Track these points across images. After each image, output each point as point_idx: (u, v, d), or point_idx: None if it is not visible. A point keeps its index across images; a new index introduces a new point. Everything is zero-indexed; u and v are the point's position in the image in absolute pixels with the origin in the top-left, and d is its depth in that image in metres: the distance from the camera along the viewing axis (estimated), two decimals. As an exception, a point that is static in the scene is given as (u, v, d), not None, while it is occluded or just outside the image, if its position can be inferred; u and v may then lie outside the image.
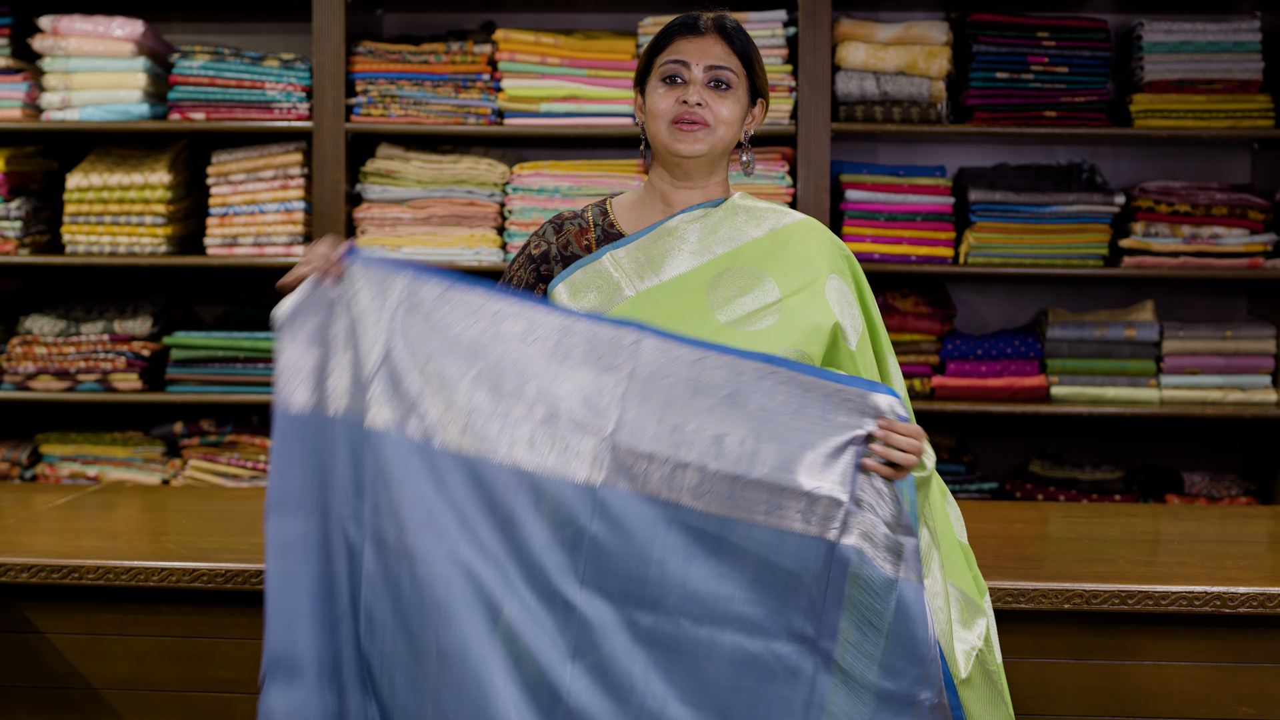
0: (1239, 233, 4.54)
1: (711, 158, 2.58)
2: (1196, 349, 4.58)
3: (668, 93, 2.56)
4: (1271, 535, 3.46)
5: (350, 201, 4.55)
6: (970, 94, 4.53)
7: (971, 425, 4.80)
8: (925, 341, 4.63)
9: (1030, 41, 4.53)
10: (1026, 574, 2.88)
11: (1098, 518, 3.57)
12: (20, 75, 4.63)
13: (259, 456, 4.62)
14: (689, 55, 2.56)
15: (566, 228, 2.64)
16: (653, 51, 2.60)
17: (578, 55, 4.53)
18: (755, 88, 2.61)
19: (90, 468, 4.68)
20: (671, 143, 2.55)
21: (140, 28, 4.57)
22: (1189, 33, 4.54)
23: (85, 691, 2.98)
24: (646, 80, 2.61)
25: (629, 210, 2.65)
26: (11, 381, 4.63)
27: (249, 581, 2.92)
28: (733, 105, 2.56)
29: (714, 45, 2.56)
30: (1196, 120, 4.51)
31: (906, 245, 4.55)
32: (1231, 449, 4.84)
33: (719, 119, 2.55)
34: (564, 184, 4.50)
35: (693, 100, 2.53)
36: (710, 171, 2.61)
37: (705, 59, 2.55)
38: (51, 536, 3.26)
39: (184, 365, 4.63)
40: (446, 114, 4.54)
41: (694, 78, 2.55)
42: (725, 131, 2.56)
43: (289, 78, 4.56)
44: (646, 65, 2.61)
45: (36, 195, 4.75)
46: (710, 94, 2.55)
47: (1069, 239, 4.54)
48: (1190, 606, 2.80)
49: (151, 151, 4.70)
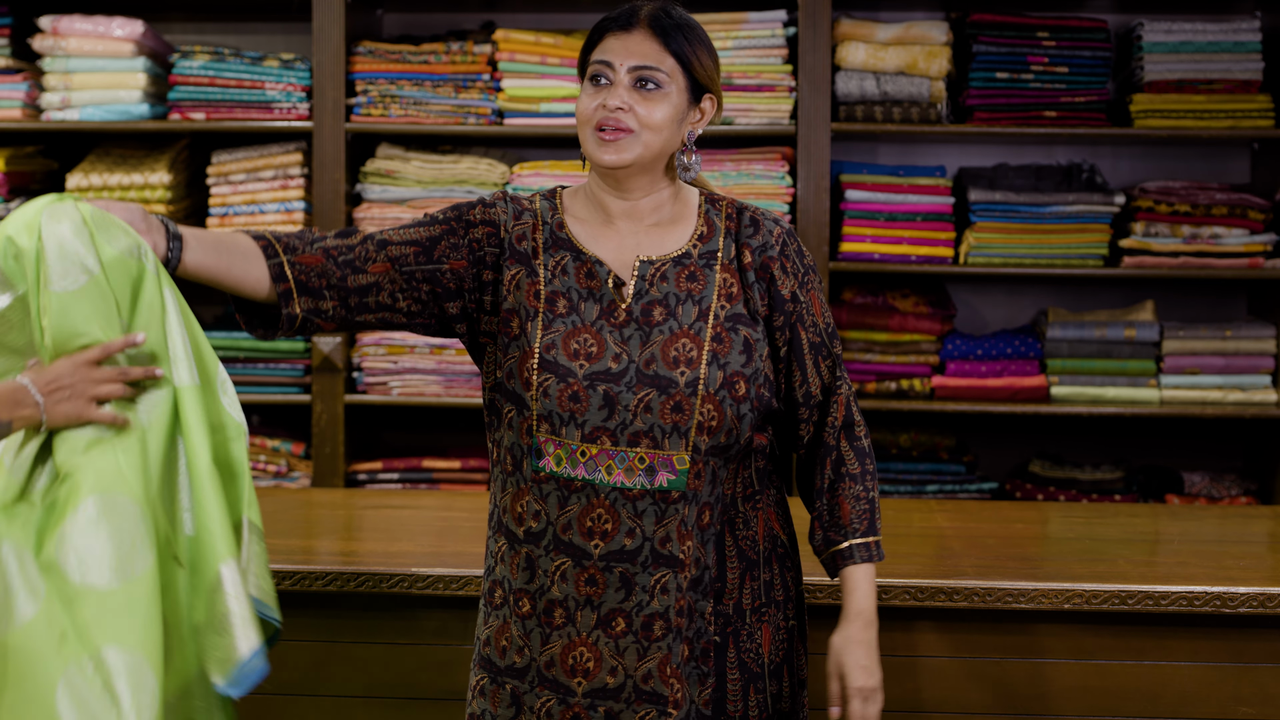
0: (1239, 233, 4.54)
1: (642, 165, 2.36)
2: (1196, 349, 4.58)
3: (592, 95, 2.36)
4: (1271, 535, 3.46)
5: (350, 201, 4.55)
6: (970, 94, 4.53)
7: (971, 425, 4.80)
8: (925, 341, 4.63)
9: (1030, 41, 4.53)
10: (1026, 574, 2.88)
11: (1098, 518, 3.57)
12: (20, 75, 4.63)
13: (259, 456, 4.62)
14: (614, 54, 2.35)
15: (524, 217, 2.42)
16: (586, 48, 2.41)
17: (578, 55, 4.52)
18: (697, 84, 2.37)
19: (90, 468, 4.68)
20: (594, 151, 2.35)
21: (140, 28, 4.57)
22: (1189, 33, 4.54)
23: (85, 691, 2.98)
24: (582, 82, 2.42)
25: (578, 208, 2.45)
26: (11, 381, 4.63)
27: (249, 581, 2.92)
28: (664, 108, 2.33)
29: (643, 43, 2.34)
30: (1196, 120, 4.51)
31: (906, 245, 4.55)
32: (1231, 449, 4.83)
33: (645, 124, 2.32)
34: (564, 184, 4.49)
35: (612, 104, 2.32)
36: (650, 179, 2.39)
37: (630, 58, 2.34)
38: (51, 536, 3.25)
39: (184, 365, 4.62)
40: (446, 114, 4.54)
41: (619, 79, 2.34)
42: (653, 137, 2.33)
43: (289, 78, 4.56)
44: (582, 62, 2.42)
45: (37, 195, 4.75)
46: (636, 96, 2.33)
47: (1069, 239, 4.54)
48: (1190, 606, 2.80)
49: (151, 151, 4.70)
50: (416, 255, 2.39)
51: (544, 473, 2.34)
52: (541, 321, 2.35)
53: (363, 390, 4.57)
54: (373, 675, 2.97)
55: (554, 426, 2.33)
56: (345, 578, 2.92)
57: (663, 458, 2.32)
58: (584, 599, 2.34)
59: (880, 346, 4.62)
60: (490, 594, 2.43)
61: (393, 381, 4.55)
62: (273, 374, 4.60)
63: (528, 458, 2.35)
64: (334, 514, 3.76)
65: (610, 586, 2.33)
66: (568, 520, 2.34)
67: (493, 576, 2.42)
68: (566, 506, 2.34)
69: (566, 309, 2.36)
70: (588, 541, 2.33)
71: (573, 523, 2.33)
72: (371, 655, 2.97)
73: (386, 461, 4.58)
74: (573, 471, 2.33)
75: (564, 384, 2.32)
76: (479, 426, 4.87)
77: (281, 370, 4.60)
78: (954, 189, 4.65)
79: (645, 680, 2.34)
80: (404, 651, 2.97)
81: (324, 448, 4.52)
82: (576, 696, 2.34)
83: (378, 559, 3.03)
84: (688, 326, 2.35)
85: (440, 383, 4.54)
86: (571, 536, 2.34)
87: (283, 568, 2.93)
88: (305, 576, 2.93)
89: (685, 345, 2.34)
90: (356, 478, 4.58)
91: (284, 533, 3.44)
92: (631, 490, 2.32)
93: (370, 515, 3.72)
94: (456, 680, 2.92)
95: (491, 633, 2.41)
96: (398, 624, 2.97)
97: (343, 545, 3.44)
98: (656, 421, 2.31)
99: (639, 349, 2.34)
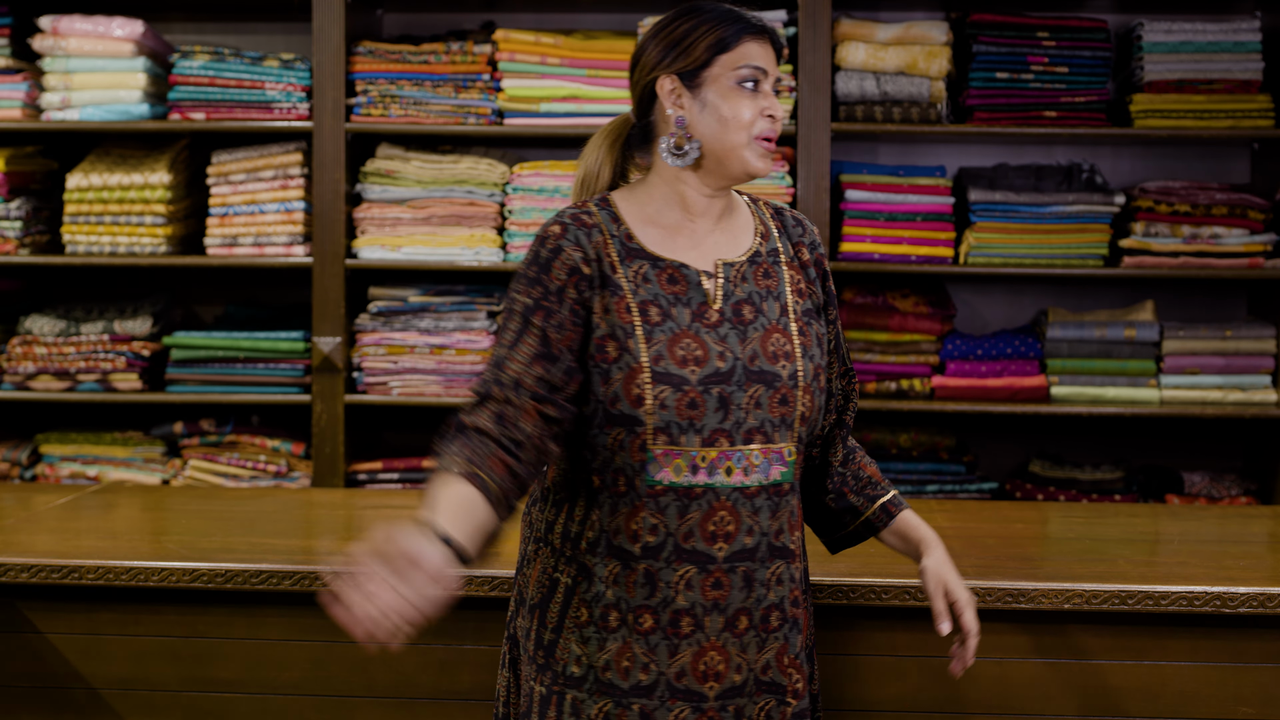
0: (1239, 233, 4.54)
1: None
2: (1196, 349, 4.58)
3: (751, 100, 2.34)
4: (1271, 535, 3.46)
5: (350, 201, 4.55)
6: (970, 94, 4.53)
7: (971, 425, 4.80)
8: (925, 342, 4.63)
9: (1030, 41, 4.53)
10: (1026, 574, 2.88)
11: (1098, 518, 3.57)
12: (20, 75, 4.63)
13: (259, 456, 4.62)
14: (763, 60, 2.34)
15: (594, 236, 2.35)
16: (716, 47, 2.34)
17: (578, 55, 4.53)
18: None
19: (90, 468, 4.68)
20: (755, 161, 2.36)
21: (140, 28, 4.57)
22: (1189, 33, 4.54)
23: (85, 691, 2.98)
24: (700, 78, 2.35)
25: (638, 213, 2.40)
26: (11, 381, 4.63)
27: (249, 581, 2.92)
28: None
29: (770, 51, 2.37)
30: (1196, 120, 4.51)
31: (906, 245, 4.55)
32: (1231, 449, 4.84)
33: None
34: (564, 184, 4.50)
35: (779, 114, 2.34)
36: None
37: (772, 66, 2.35)
38: (51, 536, 3.26)
39: (184, 365, 4.63)
40: (446, 114, 4.54)
41: (767, 90, 2.35)
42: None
43: (289, 78, 4.56)
44: (703, 60, 2.34)
45: (36, 195, 4.75)
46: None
47: (1069, 239, 4.54)
48: (1190, 606, 2.80)
49: (151, 151, 4.70)
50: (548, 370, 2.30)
51: (661, 485, 2.32)
52: (642, 334, 2.32)
53: (363, 390, 4.57)
54: (373, 675, 2.97)
55: (672, 437, 2.31)
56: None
57: (774, 451, 2.36)
58: (710, 603, 2.34)
59: (880, 346, 4.62)
60: (603, 619, 2.35)
61: (393, 381, 4.55)
62: (273, 374, 4.60)
63: (640, 475, 2.32)
64: (334, 514, 3.76)
65: (734, 587, 2.35)
66: (689, 528, 2.33)
67: (603, 602, 2.35)
68: (687, 515, 2.33)
69: (660, 317, 2.34)
70: (711, 545, 2.34)
71: (694, 530, 2.33)
72: (371, 655, 2.97)
73: (386, 461, 4.58)
74: (693, 479, 2.32)
75: (680, 392, 2.31)
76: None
77: (281, 370, 4.60)
78: (954, 189, 4.65)
79: (764, 671, 2.38)
80: (404, 651, 2.97)
81: (324, 448, 4.52)
82: (709, 701, 2.35)
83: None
84: (775, 322, 2.39)
85: (440, 383, 4.54)
86: (694, 544, 2.33)
87: (283, 568, 2.93)
88: (305, 576, 2.93)
89: (779, 340, 2.38)
90: (356, 478, 4.58)
91: (284, 533, 3.44)
92: (749, 488, 2.35)
93: (370, 515, 3.72)
94: (456, 680, 2.92)
95: (610, 657, 2.34)
96: (398, 624, 2.96)
97: (343, 545, 3.44)
98: (767, 416, 2.34)
99: (739, 347, 2.35)
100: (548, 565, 2.40)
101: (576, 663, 2.36)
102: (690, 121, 2.37)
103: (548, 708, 2.37)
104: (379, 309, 4.59)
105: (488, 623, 2.93)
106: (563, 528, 2.39)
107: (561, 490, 2.40)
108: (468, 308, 4.57)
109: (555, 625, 2.37)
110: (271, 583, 2.93)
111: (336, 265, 4.50)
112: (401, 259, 4.53)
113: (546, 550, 2.40)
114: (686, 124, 2.37)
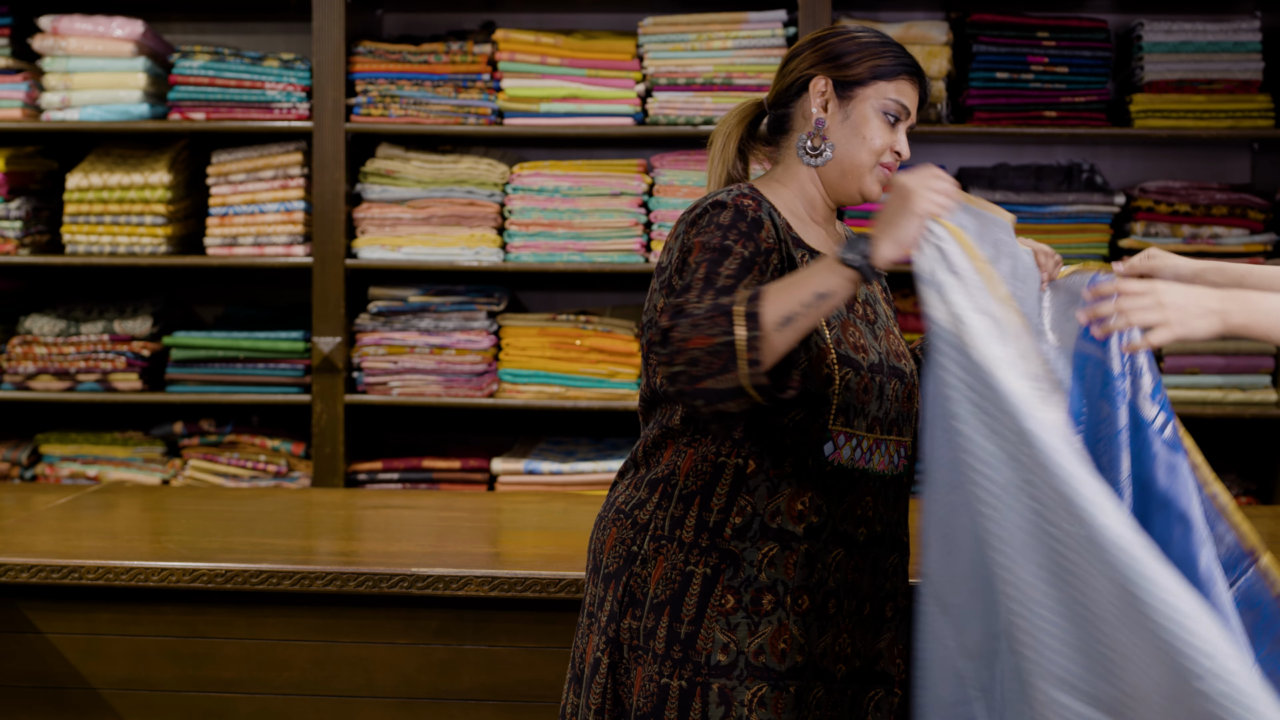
0: (1239, 233, 4.54)
1: None
2: (1196, 349, 4.58)
3: (888, 133, 2.45)
4: (1272, 535, 3.46)
5: (350, 201, 4.55)
6: (970, 94, 4.53)
7: (971, 425, 4.79)
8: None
9: (1030, 41, 4.53)
10: (1026, 574, 2.87)
11: (1098, 518, 3.56)
12: (20, 75, 4.63)
13: (259, 456, 4.62)
14: (910, 103, 2.46)
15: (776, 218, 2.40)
16: (878, 74, 2.44)
17: (578, 55, 4.53)
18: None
19: (90, 468, 4.68)
20: (870, 185, 2.46)
21: (140, 28, 4.57)
22: (1189, 33, 4.54)
23: (85, 691, 2.99)
24: (853, 92, 2.44)
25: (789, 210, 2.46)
26: (11, 381, 4.63)
27: (249, 581, 2.93)
28: None
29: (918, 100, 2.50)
30: (1196, 120, 4.51)
31: (906, 245, 4.55)
32: (1231, 449, 4.83)
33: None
34: (564, 184, 4.50)
35: (905, 155, 2.48)
36: None
37: (914, 116, 2.49)
38: (51, 536, 3.26)
39: (184, 365, 4.63)
40: (446, 114, 4.54)
41: (902, 129, 2.47)
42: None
43: (289, 78, 4.56)
44: (864, 77, 2.44)
45: (36, 195, 4.75)
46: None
47: (1069, 239, 4.54)
48: (1190, 606, 2.80)
49: (151, 151, 4.70)
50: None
51: (831, 465, 2.38)
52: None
53: (363, 390, 4.57)
54: (373, 675, 2.98)
55: (849, 418, 2.38)
56: (345, 578, 2.93)
57: (903, 444, 2.46)
58: (850, 586, 2.40)
59: (880, 346, 4.62)
60: (756, 602, 2.36)
61: (393, 381, 4.55)
62: (273, 374, 4.60)
63: (815, 455, 2.37)
64: (334, 514, 3.76)
65: (867, 572, 2.43)
66: (844, 511, 2.40)
67: (754, 585, 2.35)
68: (845, 497, 2.39)
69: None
70: (855, 530, 2.41)
71: (848, 513, 2.40)
72: (371, 655, 2.97)
73: (386, 461, 4.58)
74: (856, 461, 2.39)
75: (859, 376, 2.39)
76: (479, 427, 4.87)
77: (281, 370, 4.60)
78: (954, 189, 4.64)
79: (876, 661, 2.43)
80: (404, 651, 2.97)
81: (324, 448, 4.52)
82: (836, 683, 2.40)
83: (378, 559, 3.03)
84: (889, 324, 2.52)
85: (440, 383, 4.54)
86: (847, 527, 2.40)
87: (283, 568, 2.93)
88: (305, 576, 2.93)
89: (895, 340, 2.50)
90: (356, 478, 4.58)
91: (284, 533, 3.44)
92: (887, 476, 2.43)
93: (370, 515, 3.73)
94: (457, 680, 2.92)
95: (765, 640, 2.35)
96: (398, 624, 2.97)
97: (343, 545, 3.45)
98: (900, 409, 2.44)
99: (876, 341, 2.45)
100: (675, 561, 2.37)
101: (723, 650, 2.35)
102: (829, 126, 2.45)
103: (690, 700, 2.34)
104: (379, 309, 4.59)
105: (488, 623, 2.93)
106: (696, 519, 2.38)
107: (692, 482, 2.39)
108: (468, 308, 4.57)
109: (694, 617, 2.35)
110: (271, 583, 2.93)
111: (336, 265, 4.50)
112: (401, 259, 4.53)
113: (672, 547, 2.37)
114: (825, 127, 2.45)
